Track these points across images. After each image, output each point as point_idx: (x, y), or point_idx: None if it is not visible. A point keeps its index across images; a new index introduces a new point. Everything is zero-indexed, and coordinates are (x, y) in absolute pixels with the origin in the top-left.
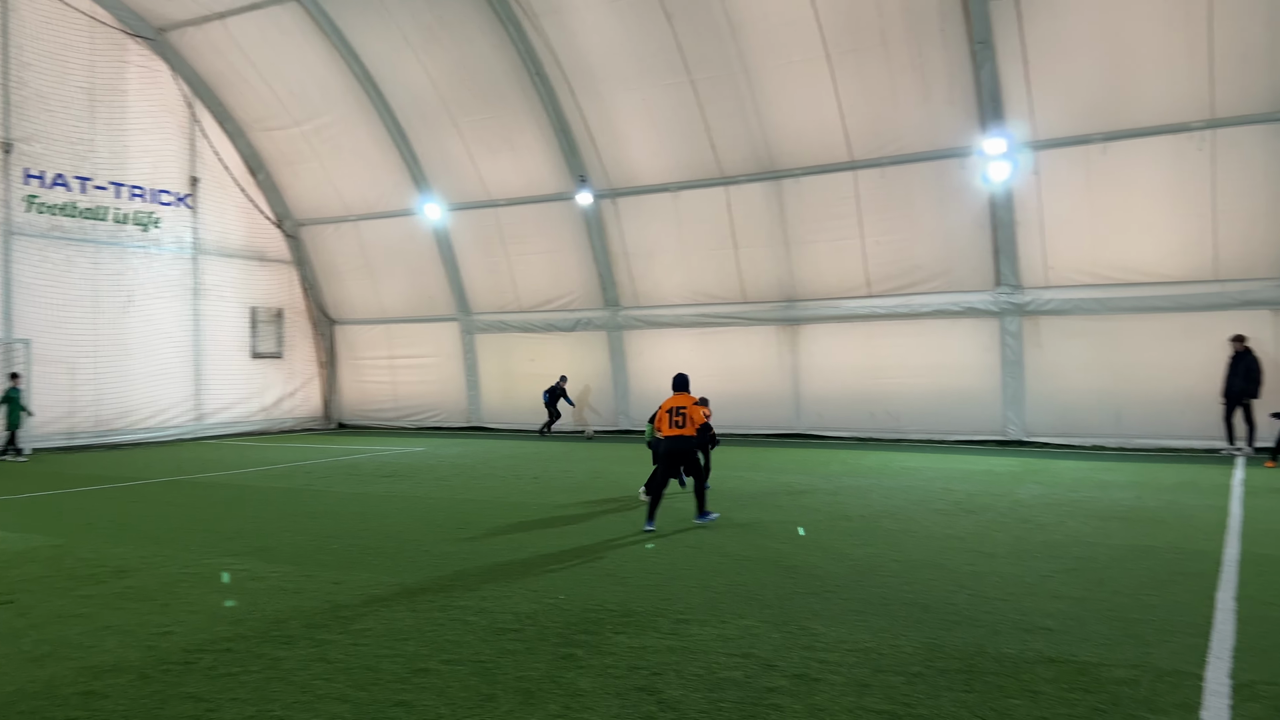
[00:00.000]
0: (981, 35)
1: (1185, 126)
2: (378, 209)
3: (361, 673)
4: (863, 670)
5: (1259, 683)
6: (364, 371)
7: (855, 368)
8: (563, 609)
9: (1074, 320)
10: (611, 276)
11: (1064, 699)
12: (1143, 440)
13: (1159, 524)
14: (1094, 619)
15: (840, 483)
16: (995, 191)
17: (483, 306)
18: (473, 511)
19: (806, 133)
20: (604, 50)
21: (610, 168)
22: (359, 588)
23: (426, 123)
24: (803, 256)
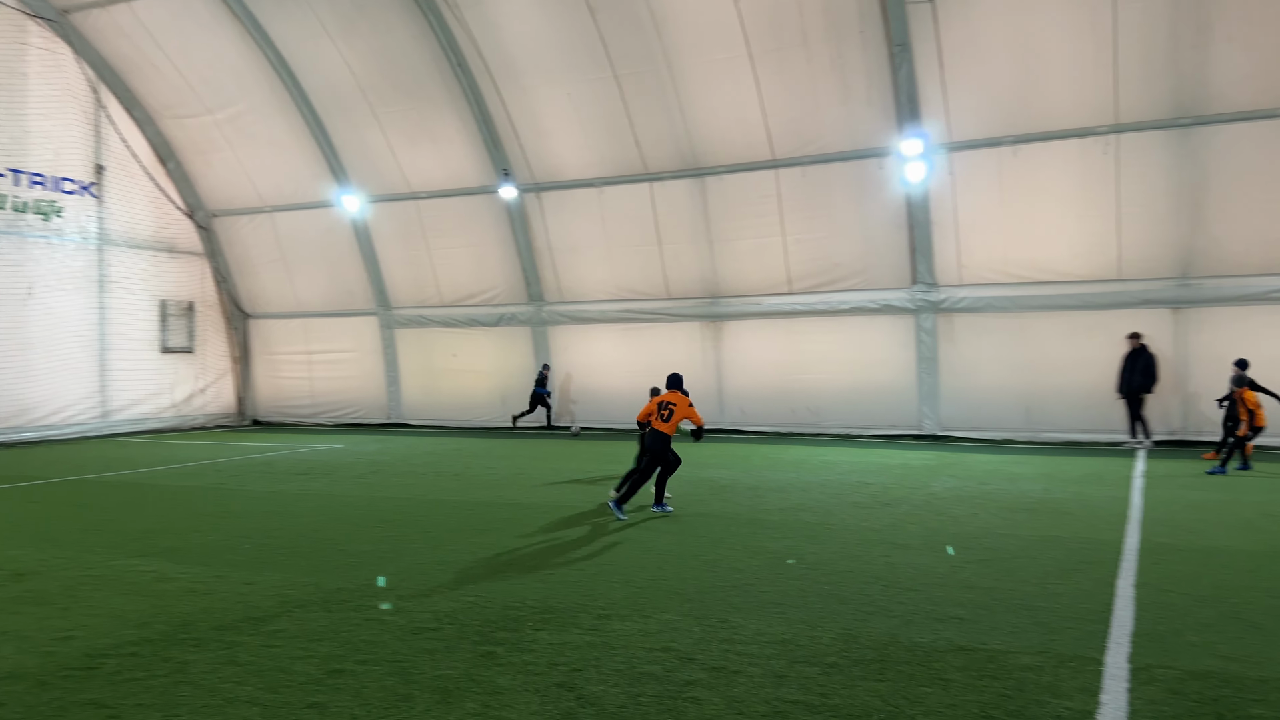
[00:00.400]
0: (899, 38)
1: (1091, 131)
2: (294, 200)
3: (274, 675)
4: (780, 662)
5: (1155, 666)
6: (280, 367)
7: (777, 363)
8: (483, 607)
9: (986, 317)
10: (536, 271)
11: (973, 686)
12: (1050, 434)
13: (1065, 515)
14: (1002, 608)
15: (761, 477)
16: (912, 191)
17: (403, 301)
18: (391, 509)
19: (729, 130)
20: (527, 43)
21: (534, 162)
22: (272, 588)
23: (345, 113)
24: (726, 253)
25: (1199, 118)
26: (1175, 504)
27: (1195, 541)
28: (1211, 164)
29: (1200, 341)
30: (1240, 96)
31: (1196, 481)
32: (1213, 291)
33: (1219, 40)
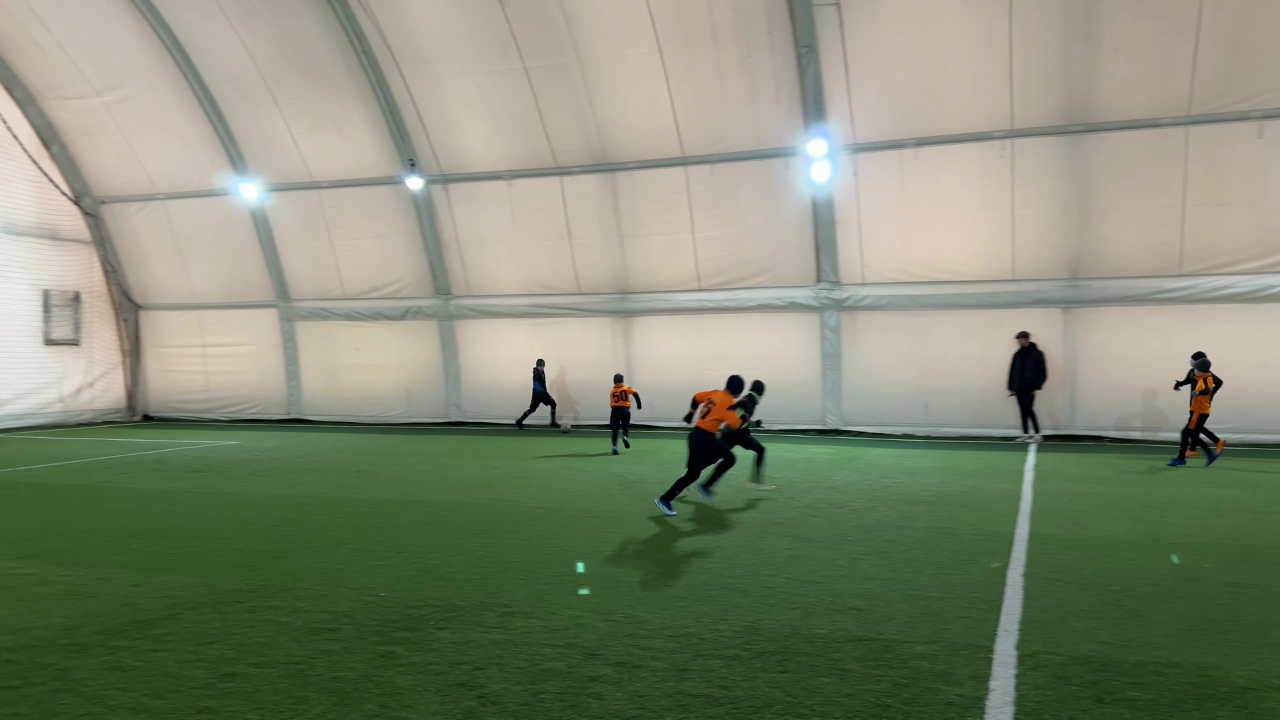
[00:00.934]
0: (806, 39)
1: (988, 135)
2: (189, 188)
3: (161, 680)
4: (683, 655)
5: (1041, 652)
6: (173, 360)
7: (686, 359)
8: (383, 606)
9: (887, 315)
10: (443, 264)
11: (870, 676)
12: (948, 429)
13: (960, 507)
14: (899, 598)
15: (670, 472)
16: (818, 191)
17: (304, 293)
18: (289, 508)
19: (640, 126)
20: (435, 32)
21: (442, 153)
22: (161, 590)
23: (244, 98)
24: (636, 249)
25: (1088, 125)
26: (1063, 496)
27: (1080, 532)
28: (1100, 170)
29: (1089, 340)
30: (1127, 106)
31: (1084, 475)
32: (1100, 292)
33: (1107, 51)
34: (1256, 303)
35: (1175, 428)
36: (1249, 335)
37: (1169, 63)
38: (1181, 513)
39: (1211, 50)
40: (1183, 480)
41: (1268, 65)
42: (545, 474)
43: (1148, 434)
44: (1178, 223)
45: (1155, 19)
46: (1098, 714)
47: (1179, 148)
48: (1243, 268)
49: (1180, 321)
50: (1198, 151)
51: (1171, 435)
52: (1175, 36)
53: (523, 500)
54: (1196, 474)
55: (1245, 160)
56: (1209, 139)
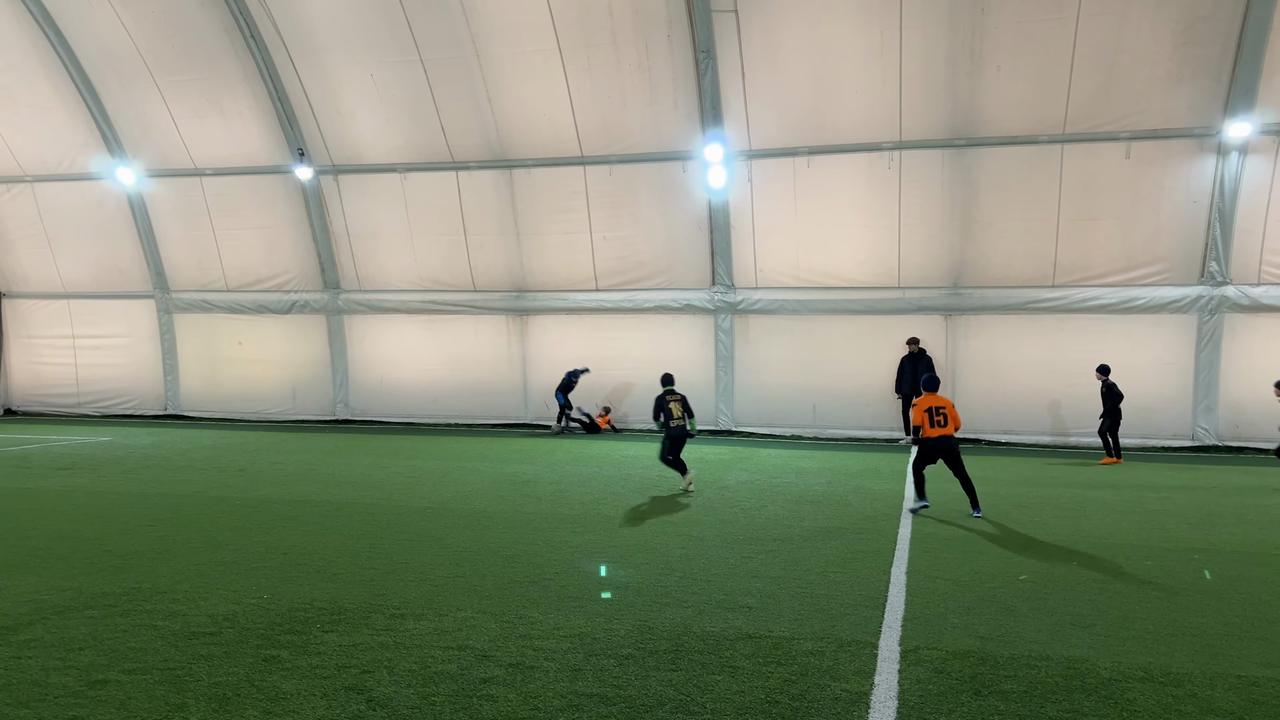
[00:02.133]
0: (705, 44)
1: (878, 146)
2: (59, 170)
3: (26, 689)
4: (577, 655)
5: (922, 648)
6: (39, 352)
7: (582, 359)
8: (267, 609)
9: (779, 319)
10: (332, 257)
11: (760, 672)
12: (835, 430)
13: (846, 506)
14: (788, 596)
15: (564, 471)
16: (714, 195)
17: (184, 284)
18: (165, 507)
19: (538, 124)
20: (328, 19)
21: (333, 143)
22: (24, 594)
23: (121, 79)
24: (533, 247)
25: (971, 139)
26: (943, 496)
27: (959, 532)
28: (981, 183)
29: (969, 346)
30: (1007, 122)
31: None
32: (979, 300)
33: (989, 69)
34: (1122, 314)
35: (1049, 431)
36: (1115, 344)
37: (1047, 82)
38: (1053, 512)
39: (1085, 72)
40: (1054, 482)
41: (1136, 89)
42: (436, 474)
43: (1023, 437)
44: (1053, 235)
45: (1035, 40)
46: (975, 707)
47: (1055, 164)
48: (1110, 280)
49: (1053, 330)
50: (1071, 168)
51: (1046, 439)
52: (1053, 58)
53: (412, 501)
54: (1067, 476)
55: (1114, 178)
56: (1082, 157)
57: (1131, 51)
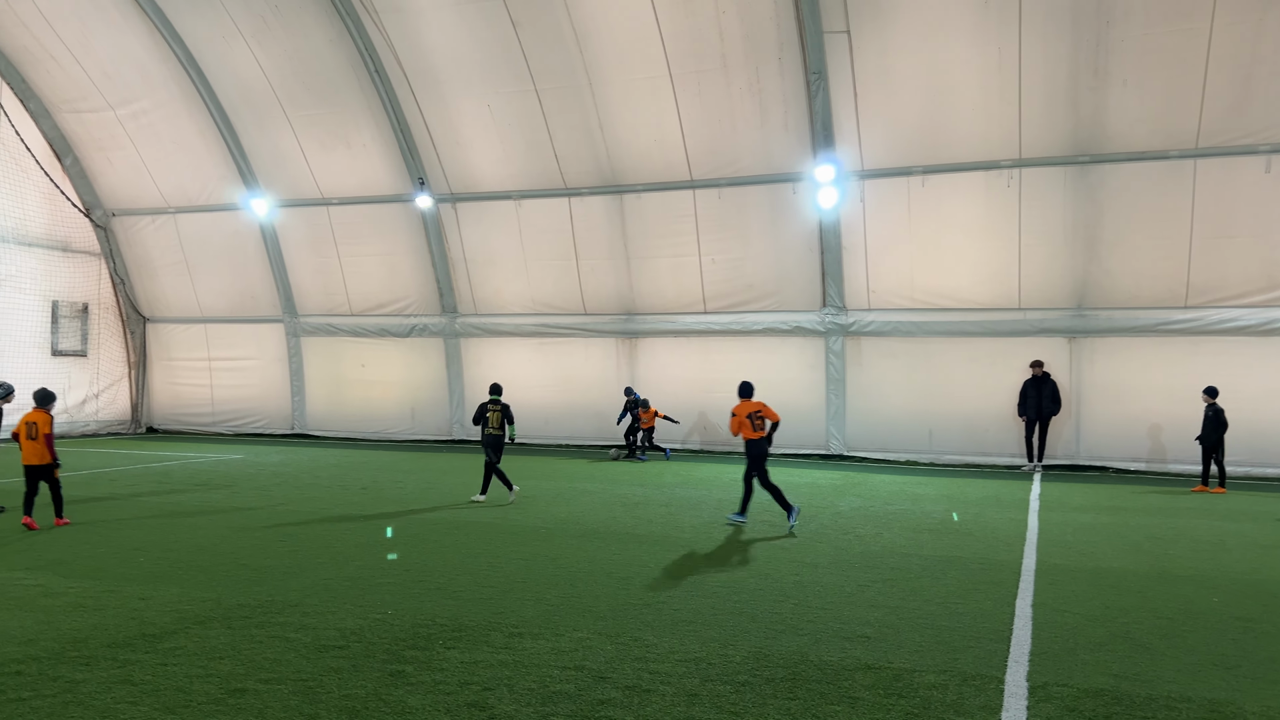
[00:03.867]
0: (816, 66)
1: (996, 164)
2: (199, 202)
3: (171, 694)
4: (693, 680)
5: (1052, 684)
6: (178, 373)
7: (690, 381)
8: (391, 624)
9: (892, 341)
10: (450, 283)
11: (881, 704)
12: (952, 456)
13: (966, 536)
14: (908, 627)
15: (674, 494)
16: (824, 216)
17: (311, 309)
18: (295, 522)
19: (649, 149)
20: (448, 53)
21: (451, 172)
22: (168, 604)
23: (256, 115)
24: (642, 271)
25: (1096, 156)
26: (1069, 527)
27: (1087, 563)
28: (1106, 201)
29: (1094, 370)
30: (1134, 137)
31: (1090, 505)
32: (1106, 322)
33: (1115, 84)
34: (1262, 336)
35: (1179, 460)
36: (1255, 368)
37: (1178, 95)
38: (1189, 546)
39: (1220, 84)
40: (1189, 513)
41: (1276, 99)
42: (548, 494)
43: (1153, 465)
44: (1184, 255)
45: (1164, 52)
46: None
47: (1187, 180)
48: (1249, 300)
49: (1186, 353)
50: (1205, 184)
51: (1176, 467)
52: (1184, 69)
53: (526, 520)
54: (1203, 506)
55: (1252, 194)
56: (1216, 172)
57: (1270, 61)
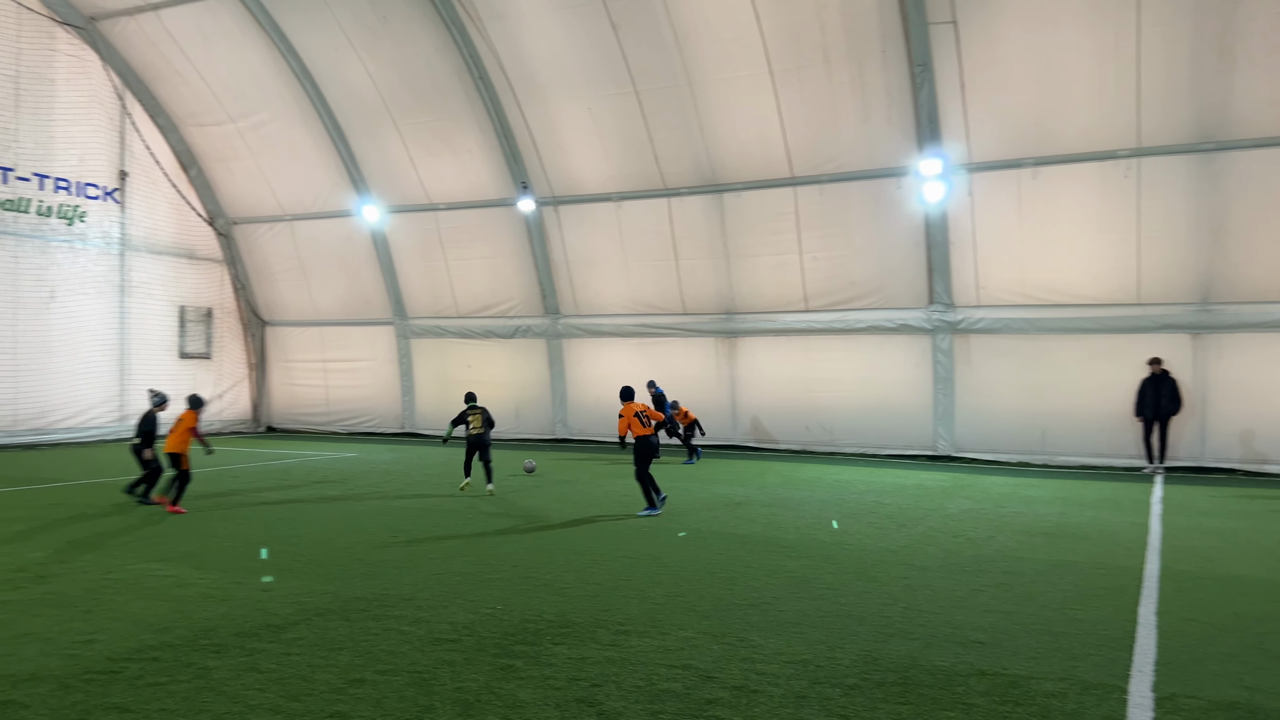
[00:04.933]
0: (921, 58)
1: (1113, 154)
2: (314, 209)
3: (295, 683)
4: (800, 682)
5: (1180, 695)
6: (295, 374)
7: (791, 380)
8: (500, 619)
9: (1003, 339)
10: (552, 284)
11: (996, 711)
12: (1066, 457)
13: (1082, 540)
14: (1023, 632)
15: (776, 494)
16: (930, 211)
17: (419, 311)
18: (406, 518)
19: (748, 147)
20: (549, 57)
21: (553, 175)
22: (290, 596)
23: (366, 123)
24: (742, 270)
25: (1221, 143)
26: (1195, 531)
27: (1216, 569)
28: (1233, 189)
29: (1220, 368)
30: (1263, 122)
31: (1216, 508)
32: (1233, 317)
33: (1241, 66)
34: None
35: None
36: None
37: None
38: None
39: None
40: None
41: None
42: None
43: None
44: None
45: None
46: None
47: None
48: None
49: None
50: None
51: None
52: None
53: (629, 519)
54: None
55: None
56: None
57: None
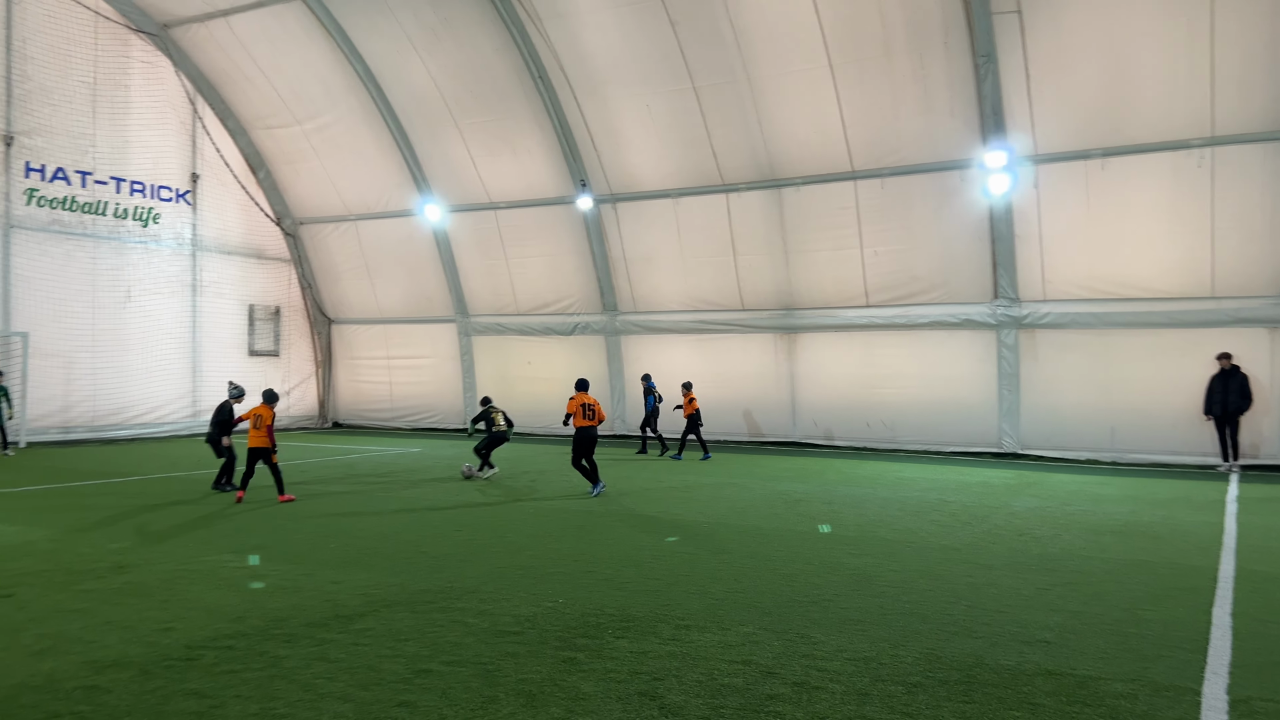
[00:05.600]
0: (984, 48)
1: (1185, 144)
2: (377, 209)
3: (363, 672)
4: (862, 679)
5: (1255, 698)
6: (360, 371)
7: (852, 377)
8: (562, 613)
9: (1070, 334)
10: (610, 281)
11: (1063, 712)
12: (1137, 455)
13: (1154, 539)
14: (1091, 632)
15: (836, 492)
16: (995, 204)
17: (480, 309)
18: (469, 514)
19: (808, 142)
20: (608, 55)
21: (611, 173)
22: (358, 587)
23: (428, 124)
24: (801, 265)
25: None
26: (1273, 531)
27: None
28: None
29: None
30: None
31: None
32: None
33: None
34: None
35: None
36: None
37: None
38: None
39: None
40: None
41: None
42: (708, 490)
43: None
44: None
45: None
46: None
47: None
48: None
49: None
50: None
51: None
52: None
53: (687, 515)
54: None
55: None
56: None
57: None
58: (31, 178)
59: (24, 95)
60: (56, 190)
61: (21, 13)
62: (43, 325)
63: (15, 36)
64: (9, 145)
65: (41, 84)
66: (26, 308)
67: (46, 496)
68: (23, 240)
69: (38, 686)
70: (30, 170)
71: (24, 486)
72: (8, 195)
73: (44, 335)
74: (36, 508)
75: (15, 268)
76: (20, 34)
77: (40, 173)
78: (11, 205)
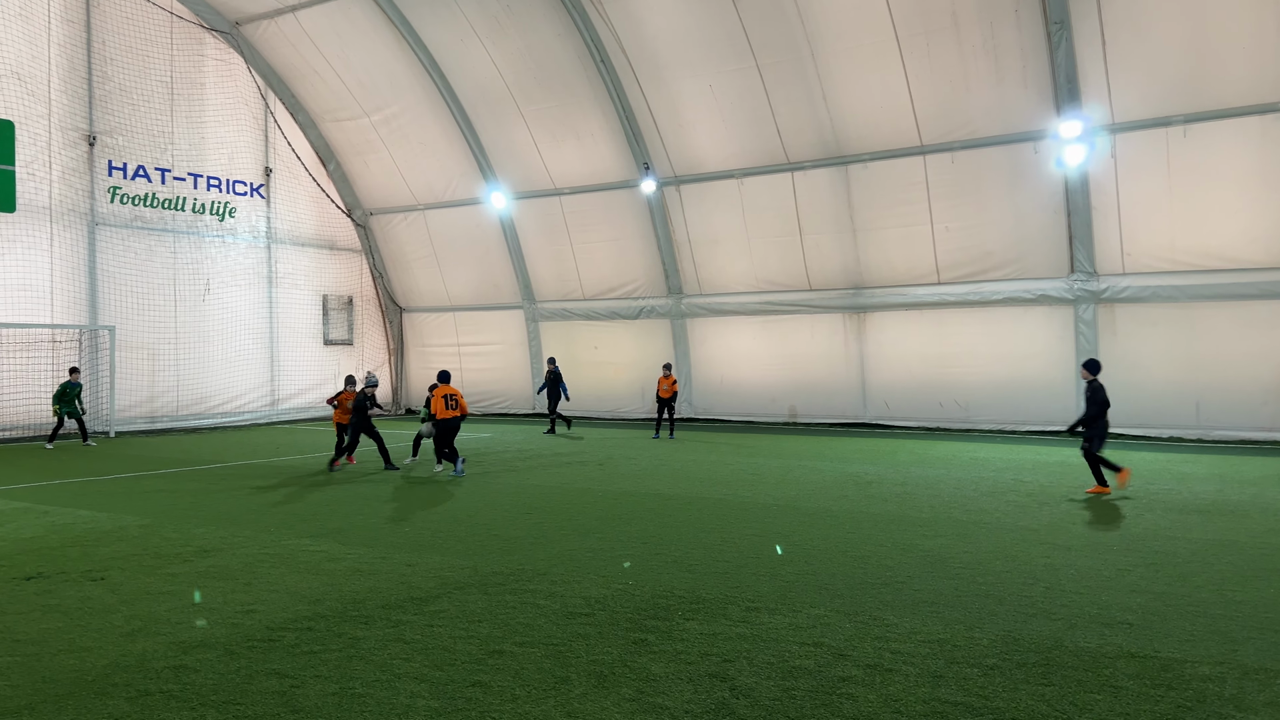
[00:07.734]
0: (1058, 15)
1: (1273, 107)
2: (444, 198)
3: (438, 653)
4: (936, 661)
5: None
6: (431, 358)
7: (923, 356)
8: (633, 594)
9: (1152, 308)
10: (675, 264)
11: (1147, 695)
12: (1223, 431)
13: (1242, 518)
14: (1175, 614)
15: (909, 473)
16: (1070, 176)
17: (547, 295)
18: (539, 497)
19: (875, 117)
20: (669, 36)
21: (674, 155)
22: (432, 570)
23: (492, 112)
24: (870, 243)
25: None
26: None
27: None
28: None
29: None
30: None
31: None
32: None
33: None
34: None
35: None
36: None
37: None
38: None
39: None
40: None
41: None
42: (777, 472)
43: None
44: None
45: None
46: None
47: None
48: None
49: None
50: None
51: None
52: None
53: (757, 497)
54: None
55: None
56: None
57: None
58: (114, 176)
59: (104, 95)
60: (138, 187)
61: (100, 16)
62: (128, 319)
63: (95, 39)
64: (92, 145)
65: (121, 84)
66: (112, 302)
67: (135, 483)
68: (107, 237)
69: (130, 666)
70: (113, 169)
71: (114, 475)
72: (92, 194)
73: (129, 328)
74: (127, 494)
75: (101, 264)
76: (100, 36)
77: (122, 171)
78: (96, 203)
